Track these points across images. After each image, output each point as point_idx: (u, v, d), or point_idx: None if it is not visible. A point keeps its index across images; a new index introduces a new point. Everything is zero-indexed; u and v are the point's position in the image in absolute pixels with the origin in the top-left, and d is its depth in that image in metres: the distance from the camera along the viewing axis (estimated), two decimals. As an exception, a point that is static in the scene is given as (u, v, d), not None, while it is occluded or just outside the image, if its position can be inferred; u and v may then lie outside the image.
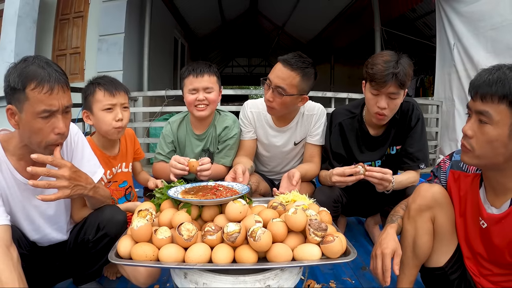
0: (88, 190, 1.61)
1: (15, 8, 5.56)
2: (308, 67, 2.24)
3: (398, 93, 2.05)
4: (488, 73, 1.36)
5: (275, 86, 2.25)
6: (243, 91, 9.45)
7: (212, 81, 2.42)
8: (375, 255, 1.63)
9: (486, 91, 1.33)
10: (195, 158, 2.24)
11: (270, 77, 2.29)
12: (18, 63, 1.45)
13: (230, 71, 23.59)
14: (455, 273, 1.67)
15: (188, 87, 2.41)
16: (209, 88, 2.40)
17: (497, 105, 1.31)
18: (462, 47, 5.56)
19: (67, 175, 1.50)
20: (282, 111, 2.38)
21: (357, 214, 2.96)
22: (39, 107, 1.42)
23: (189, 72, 2.41)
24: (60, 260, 1.84)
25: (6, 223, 1.47)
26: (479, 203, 1.55)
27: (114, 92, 2.09)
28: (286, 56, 2.25)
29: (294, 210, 1.44)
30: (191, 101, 2.40)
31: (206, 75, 2.39)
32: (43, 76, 1.41)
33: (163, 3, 8.82)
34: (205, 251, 1.34)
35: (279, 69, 2.24)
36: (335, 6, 10.19)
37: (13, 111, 1.46)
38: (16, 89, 1.41)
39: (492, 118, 1.32)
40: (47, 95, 1.42)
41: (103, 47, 6.68)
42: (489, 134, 1.34)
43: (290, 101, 2.30)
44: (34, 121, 1.44)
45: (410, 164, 2.31)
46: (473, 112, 1.40)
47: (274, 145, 2.60)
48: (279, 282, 1.36)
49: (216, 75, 2.47)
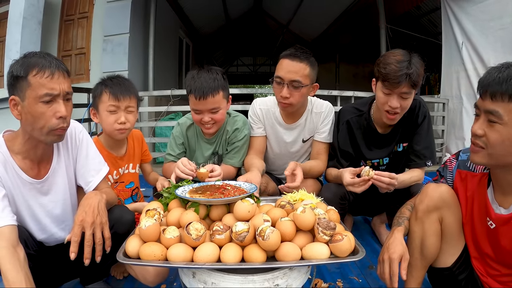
0: (98, 212, 1.59)
1: (20, 9, 5.60)
2: (311, 56, 2.31)
3: (410, 93, 2.05)
4: (498, 71, 1.33)
5: (290, 81, 2.26)
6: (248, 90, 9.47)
7: (218, 100, 2.25)
8: (382, 259, 1.61)
9: (496, 90, 1.31)
10: (205, 162, 2.21)
11: (280, 75, 2.29)
12: (19, 58, 1.52)
13: (235, 70, 23.58)
14: (462, 274, 1.66)
15: (192, 106, 2.30)
16: (214, 109, 2.27)
17: (507, 104, 1.29)
18: (471, 46, 5.54)
19: (77, 232, 1.50)
20: (298, 105, 2.40)
21: (364, 213, 2.95)
22: (41, 91, 1.47)
23: (192, 91, 2.24)
24: (67, 259, 1.85)
25: (13, 223, 1.48)
26: (487, 203, 1.53)
27: (119, 96, 2.09)
28: (289, 51, 2.29)
29: (303, 209, 1.44)
30: (196, 120, 2.34)
31: (209, 97, 2.20)
32: (44, 63, 1.49)
33: (168, 3, 8.83)
34: (213, 251, 1.34)
35: (288, 64, 2.26)
36: (340, 4, 10.17)
37: (16, 101, 1.51)
38: (19, 77, 1.47)
39: (502, 118, 1.30)
40: (49, 79, 1.48)
41: (108, 48, 6.69)
42: (500, 134, 1.32)
43: (306, 92, 2.35)
44: (36, 106, 1.48)
45: (416, 161, 2.30)
46: (482, 112, 1.38)
47: (284, 142, 2.61)
48: (287, 281, 1.36)
49: (222, 88, 2.27)
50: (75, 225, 1.49)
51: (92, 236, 1.49)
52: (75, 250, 1.45)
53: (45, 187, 1.70)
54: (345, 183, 2.07)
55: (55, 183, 1.73)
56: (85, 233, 1.49)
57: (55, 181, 1.73)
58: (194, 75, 2.26)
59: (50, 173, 1.70)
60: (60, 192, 1.75)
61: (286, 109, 2.43)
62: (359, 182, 2.02)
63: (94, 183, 1.81)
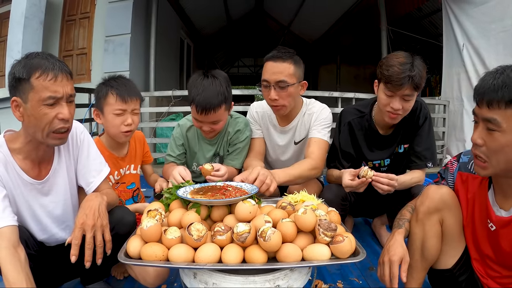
0: (99, 214, 1.59)
1: (21, 9, 5.61)
2: (295, 54, 2.30)
3: (412, 95, 2.05)
4: (492, 77, 1.31)
5: (276, 82, 2.26)
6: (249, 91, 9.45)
7: (219, 114, 2.20)
8: (382, 262, 1.62)
9: (492, 97, 1.29)
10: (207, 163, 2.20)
11: (266, 78, 2.30)
12: (21, 58, 1.50)
13: (236, 71, 23.60)
14: (463, 275, 1.66)
15: (193, 114, 2.27)
16: (215, 122, 2.25)
17: (504, 111, 1.27)
18: (472, 48, 5.53)
19: (78, 234, 1.50)
20: (290, 106, 2.38)
21: (364, 214, 2.96)
22: (44, 94, 1.46)
23: (193, 101, 2.18)
24: (67, 260, 1.85)
25: (13, 224, 1.48)
26: (487, 206, 1.53)
27: (127, 99, 2.08)
28: (272, 53, 2.29)
29: (304, 210, 1.44)
30: (197, 127, 2.34)
31: (211, 112, 2.16)
32: (47, 65, 1.47)
33: (169, 4, 8.83)
34: (214, 251, 1.34)
35: (272, 66, 2.27)
36: (341, 6, 10.17)
37: (18, 103, 1.50)
38: (21, 79, 1.45)
39: (500, 125, 1.29)
40: (52, 82, 1.47)
41: (109, 48, 6.70)
42: (500, 141, 1.30)
43: (294, 91, 2.32)
44: (39, 109, 1.47)
45: (417, 163, 2.31)
46: (480, 120, 1.37)
47: (277, 146, 2.61)
48: (288, 282, 1.36)
49: (225, 101, 2.21)
50: (76, 228, 1.49)
51: (93, 239, 1.50)
52: (76, 253, 1.46)
53: (46, 188, 1.70)
54: (344, 184, 2.08)
55: (55, 183, 1.73)
56: (86, 236, 1.49)
57: (55, 182, 1.73)
58: (197, 84, 2.19)
59: (51, 173, 1.70)
60: (61, 192, 1.75)
61: (279, 112, 2.41)
62: (356, 185, 2.02)
63: (95, 184, 1.81)
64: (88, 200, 1.60)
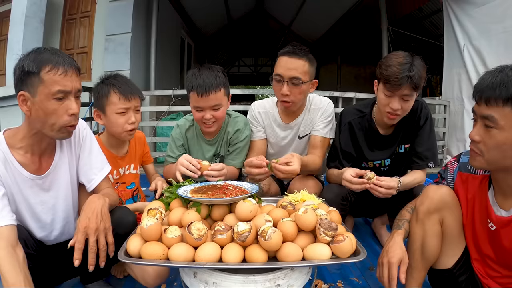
0: (101, 217, 1.58)
1: (22, 8, 5.59)
2: (309, 52, 2.33)
3: (411, 95, 2.05)
4: (491, 76, 1.34)
5: (290, 78, 2.27)
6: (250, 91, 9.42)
7: (219, 97, 2.24)
8: (381, 263, 1.62)
9: (490, 95, 1.31)
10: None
11: (279, 72, 2.30)
12: (29, 52, 1.51)
13: (237, 70, 23.57)
14: (463, 275, 1.66)
15: (193, 103, 2.28)
16: (216, 106, 2.25)
17: (502, 109, 1.29)
18: (473, 49, 5.53)
19: (81, 239, 1.49)
20: (299, 103, 2.40)
21: (364, 214, 2.95)
22: (54, 88, 1.48)
23: (193, 88, 2.21)
24: (67, 259, 1.85)
25: (12, 223, 1.47)
26: (487, 205, 1.53)
27: (130, 97, 2.08)
28: (287, 48, 2.30)
29: (304, 210, 1.44)
30: (198, 118, 2.31)
31: (212, 93, 2.19)
32: (58, 60, 1.49)
33: (170, 3, 8.84)
34: (215, 250, 1.34)
35: (287, 61, 2.28)
36: (342, 6, 10.17)
37: (26, 97, 1.50)
38: (31, 72, 1.46)
39: (497, 122, 1.31)
40: (62, 76, 1.49)
41: (110, 47, 6.70)
42: (496, 138, 1.33)
43: (306, 89, 2.35)
44: (48, 102, 1.49)
45: (419, 163, 2.31)
46: (478, 117, 1.39)
47: (281, 142, 2.61)
48: (289, 282, 1.36)
49: (224, 85, 2.26)
50: (79, 232, 1.48)
51: (96, 243, 1.49)
52: (79, 257, 1.45)
53: (47, 183, 1.69)
54: (344, 178, 2.08)
55: (57, 178, 1.72)
56: (89, 239, 1.48)
57: (57, 177, 1.72)
58: (195, 73, 2.25)
59: (52, 168, 1.69)
60: (62, 187, 1.75)
61: (288, 108, 2.42)
62: (356, 183, 2.04)
63: (96, 181, 1.81)
64: (90, 203, 1.58)
